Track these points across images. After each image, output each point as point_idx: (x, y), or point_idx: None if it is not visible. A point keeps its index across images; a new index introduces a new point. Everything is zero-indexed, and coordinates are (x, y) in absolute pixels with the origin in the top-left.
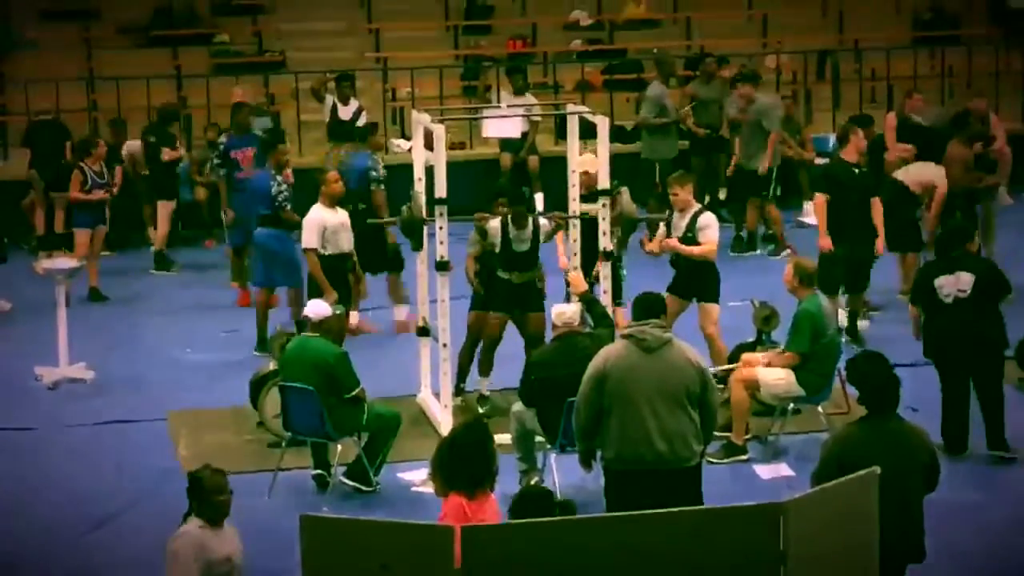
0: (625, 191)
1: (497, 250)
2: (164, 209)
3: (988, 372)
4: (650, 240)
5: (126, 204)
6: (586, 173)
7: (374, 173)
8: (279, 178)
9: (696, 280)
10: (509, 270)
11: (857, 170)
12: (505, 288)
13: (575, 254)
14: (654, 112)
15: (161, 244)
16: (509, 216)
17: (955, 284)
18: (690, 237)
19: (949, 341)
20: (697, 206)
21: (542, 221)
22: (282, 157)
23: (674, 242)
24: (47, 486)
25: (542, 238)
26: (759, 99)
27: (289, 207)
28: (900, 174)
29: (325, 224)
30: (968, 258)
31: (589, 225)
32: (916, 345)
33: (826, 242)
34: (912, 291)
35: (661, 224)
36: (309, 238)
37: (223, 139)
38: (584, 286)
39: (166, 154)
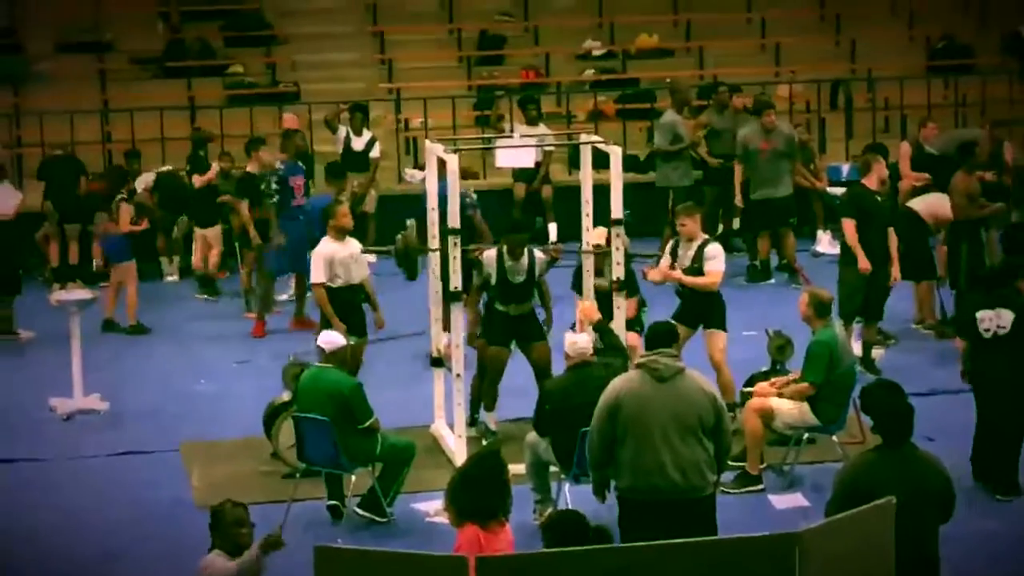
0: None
1: (493, 282)
2: (207, 234)
3: (1014, 414)
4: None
5: (140, 235)
6: (597, 246)
7: (468, 199)
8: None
9: (702, 308)
10: (506, 303)
11: (879, 198)
12: (503, 321)
13: (588, 272)
14: (668, 139)
15: (210, 268)
16: (504, 247)
17: (995, 320)
18: (696, 267)
19: (985, 375)
20: (704, 236)
21: (538, 254)
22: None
23: (676, 273)
24: (61, 517)
25: (538, 270)
26: (782, 127)
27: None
28: (914, 203)
29: (333, 257)
30: (1014, 296)
31: (605, 296)
32: (932, 373)
33: (865, 264)
34: (956, 324)
35: (665, 253)
36: (317, 272)
37: (280, 166)
38: (597, 315)
39: (197, 180)
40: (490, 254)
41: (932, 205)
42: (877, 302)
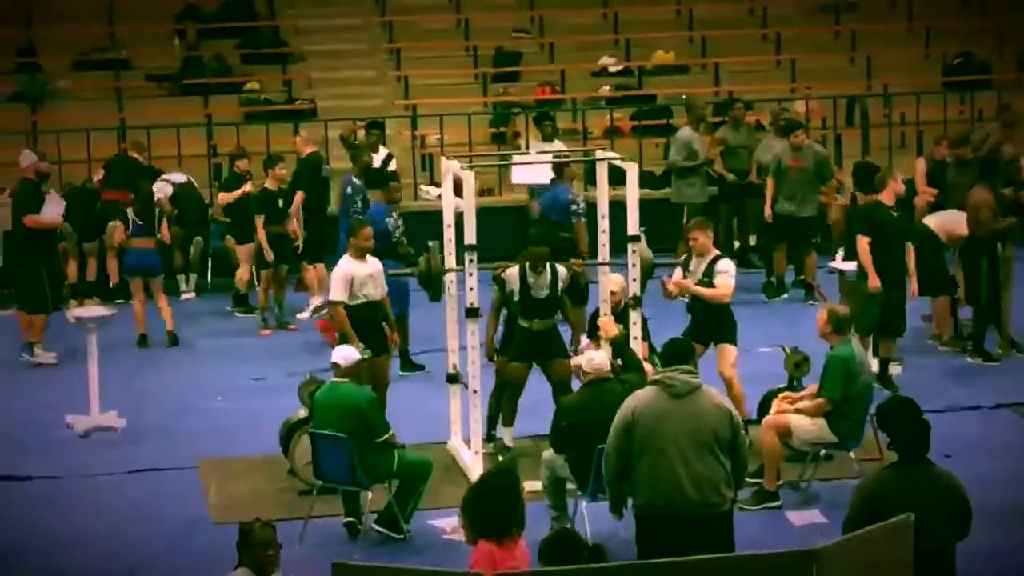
0: (641, 237)
1: (516, 299)
2: (239, 250)
3: None
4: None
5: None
6: (614, 293)
7: (574, 207)
8: (394, 214)
9: (712, 324)
10: (529, 318)
11: (895, 213)
12: (525, 337)
13: (605, 301)
14: (683, 155)
15: (244, 286)
16: (527, 262)
17: None
18: (707, 282)
19: None
20: (716, 252)
21: (560, 269)
22: (395, 194)
23: (687, 282)
24: (78, 534)
25: (561, 286)
26: (813, 147)
27: (405, 241)
28: (929, 220)
29: (353, 276)
30: None
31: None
32: (949, 390)
33: (876, 282)
34: (974, 340)
35: (678, 267)
36: (336, 291)
37: (358, 181)
38: (615, 331)
39: (224, 197)
40: (512, 271)
41: (946, 222)
42: (895, 318)
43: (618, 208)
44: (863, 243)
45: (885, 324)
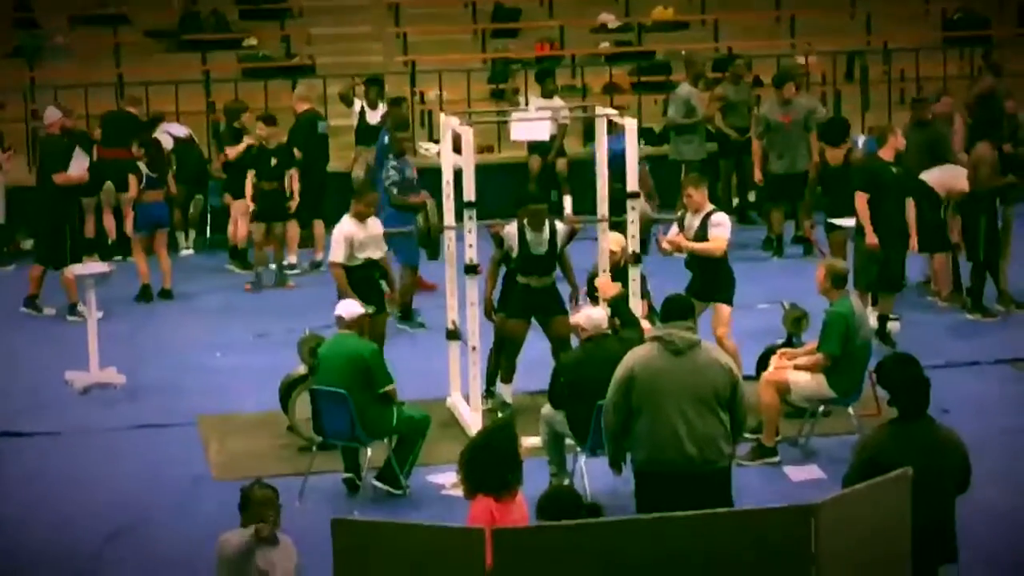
0: (641, 194)
1: (515, 255)
2: (238, 207)
3: None
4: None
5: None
6: (613, 252)
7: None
8: (395, 163)
9: (711, 282)
10: (528, 274)
11: (895, 169)
12: (524, 293)
13: (605, 270)
14: (682, 112)
15: (240, 241)
16: (526, 219)
17: None
18: (701, 237)
19: None
20: (710, 207)
21: (559, 226)
22: (402, 144)
23: (680, 238)
24: (77, 490)
25: (559, 242)
26: (801, 100)
27: (396, 191)
28: (926, 176)
29: (354, 238)
30: None
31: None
32: (947, 345)
33: (873, 239)
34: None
35: (674, 224)
36: (336, 252)
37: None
38: (613, 290)
39: (230, 152)
40: (511, 228)
41: (944, 178)
42: (894, 274)
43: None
44: (861, 200)
45: (884, 280)
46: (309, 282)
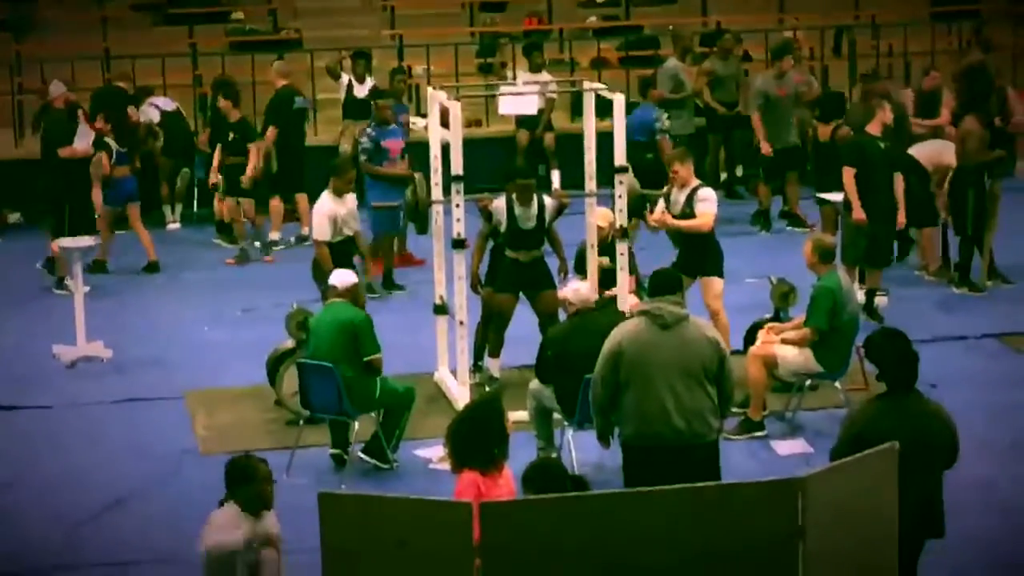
0: (628, 168)
1: (503, 229)
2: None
3: None
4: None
5: (143, 182)
6: (600, 227)
7: (658, 124)
8: (371, 132)
9: (699, 256)
10: (516, 248)
11: (883, 144)
12: (513, 268)
13: (594, 245)
14: (670, 87)
15: (227, 215)
16: (514, 193)
17: None
18: (688, 213)
19: None
20: (696, 182)
21: (547, 200)
22: (384, 112)
23: (666, 216)
24: (64, 464)
25: (547, 217)
26: (791, 74)
27: (366, 159)
28: (913, 150)
29: (336, 215)
30: None
31: (605, 274)
32: (935, 320)
33: (860, 214)
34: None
35: (660, 200)
36: (321, 230)
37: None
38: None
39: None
40: (499, 203)
41: (932, 152)
42: (882, 249)
43: (604, 140)
44: (849, 174)
45: (871, 255)
46: (296, 256)
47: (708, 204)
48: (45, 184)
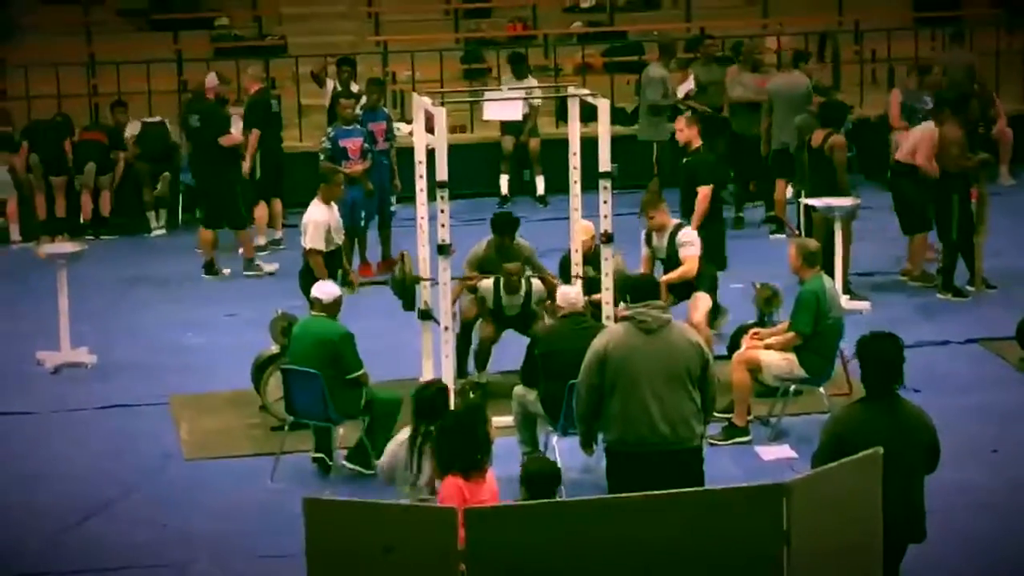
0: (619, 254)
1: (490, 307)
2: None
3: None
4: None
5: (128, 189)
6: (583, 241)
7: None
8: (331, 132)
9: (689, 284)
10: (501, 328)
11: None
12: (497, 317)
13: (577, 250)
14: (660, 93)
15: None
16: (501, 281)
17: None
18: (672, 254)
19: None
20: (674, 222)
21: (536, 285)
22: (344, 111)
23: (661, 276)
24: (48, 470)
25: (534, 299)
26: (780, 78)
27: (324, 158)
28: (898, 155)
29: (328, 223)
30: None
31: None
32: (919, 325)
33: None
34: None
35: (644, 247)
36: (316, 239)
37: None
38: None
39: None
40: (486, 284)
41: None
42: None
43: (589, 145)
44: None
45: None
46: (279, 261)
47: (691, 248)
48: (208, 175)
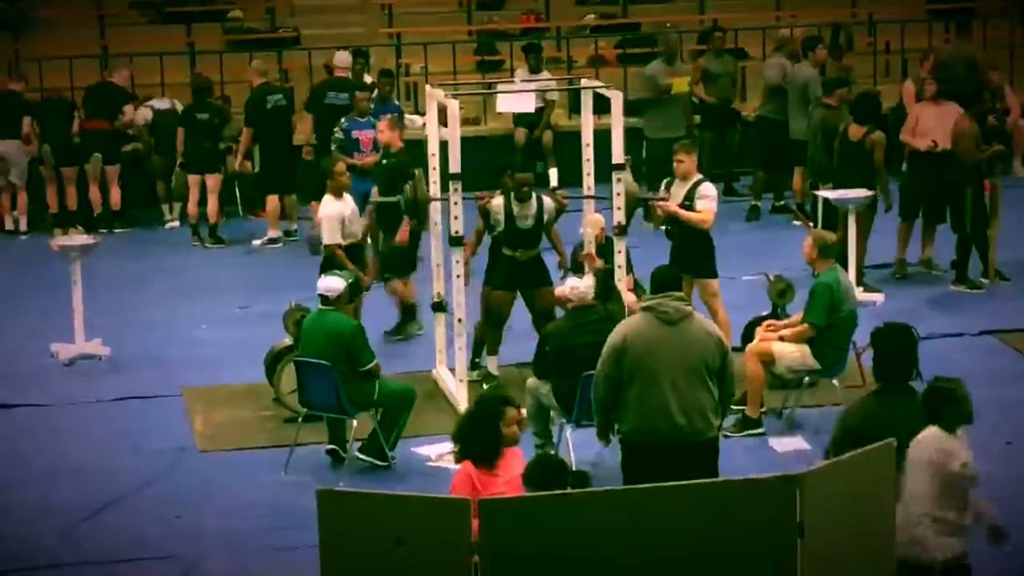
0: (627, 166)
1: (501, 228)
2: (210, 181)
3: None
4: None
5: (140, 180)
6: (595, 234)
7: None
8: (345, 123)
9: (690, 255)
10: (513, 247)
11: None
12: (510, 265)
13: (591, 242)
14: (649, 88)
15: (211, 217)
16: (512, 191)
17: None
18: (687, 206)
19: None
20: (698, 176)
21: (547, 201)
22: (360, 104)
23: (671, 206)
24: (62, 462)
25: (546, 218)
26: (797, 69)
27: (335, 148)
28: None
29: (343, 215)
30: None
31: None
32: (931, 317)
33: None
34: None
35: (662, 192)
36: (333, 234)
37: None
38: (598, 261)
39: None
40: (497, 201)
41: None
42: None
43: (602, 137)
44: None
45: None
46: (293, 254)
47: (709, 201)
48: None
